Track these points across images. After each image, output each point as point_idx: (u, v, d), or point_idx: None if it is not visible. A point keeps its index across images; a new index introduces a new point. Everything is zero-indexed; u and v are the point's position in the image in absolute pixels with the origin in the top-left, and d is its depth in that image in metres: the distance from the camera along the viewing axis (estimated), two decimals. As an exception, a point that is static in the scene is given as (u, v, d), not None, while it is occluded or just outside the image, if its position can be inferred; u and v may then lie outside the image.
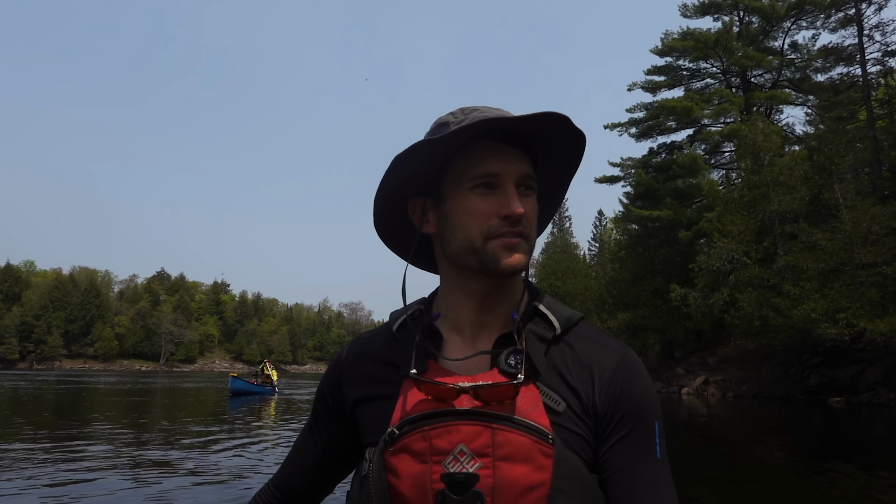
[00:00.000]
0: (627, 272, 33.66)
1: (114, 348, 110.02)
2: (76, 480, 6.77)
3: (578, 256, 54.89)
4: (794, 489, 7.00)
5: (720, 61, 33.90)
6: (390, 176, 0.90)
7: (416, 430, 0.81)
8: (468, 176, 0.87)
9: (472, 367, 0.88)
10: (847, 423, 15.02)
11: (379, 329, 1.01)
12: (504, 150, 0.86)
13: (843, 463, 8.65)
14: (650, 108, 35.89)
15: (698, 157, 28.93)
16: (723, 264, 22.40)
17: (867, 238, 18.09)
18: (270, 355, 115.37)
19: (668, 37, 35.79)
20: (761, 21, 34.19)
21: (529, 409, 0.81)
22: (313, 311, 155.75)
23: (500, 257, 0.85)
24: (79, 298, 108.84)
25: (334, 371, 0.99)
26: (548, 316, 0.90)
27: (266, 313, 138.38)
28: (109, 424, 13.35)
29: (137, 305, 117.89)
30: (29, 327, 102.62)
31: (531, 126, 0.86)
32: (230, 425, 13.80)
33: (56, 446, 9.44)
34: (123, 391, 29.05)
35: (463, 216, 0.87)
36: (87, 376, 55.41)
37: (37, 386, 31.92)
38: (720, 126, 33.77)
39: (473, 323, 0.91)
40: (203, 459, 8.47)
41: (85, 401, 22.28)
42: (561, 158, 0.94)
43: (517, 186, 0.87)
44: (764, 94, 32.52)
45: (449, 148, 0.87)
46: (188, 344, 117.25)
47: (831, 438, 11.88)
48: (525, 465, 0.78)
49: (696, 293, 23.52)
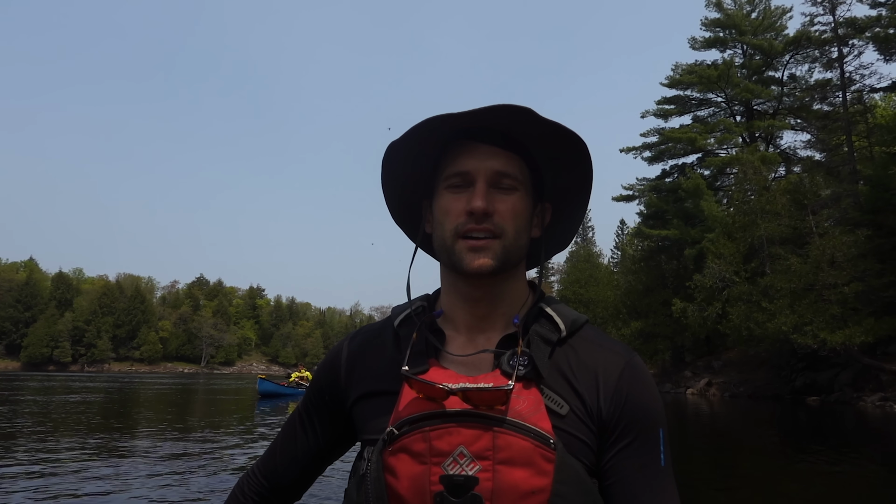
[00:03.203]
0: (640, 284, 37.27)
1: (158, 351, 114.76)
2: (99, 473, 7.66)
3: (601, 265, 57.97)
4: (770, 470, 8.55)
5: (724, 93, 37.37)
6: (385, 179, 0.95)
7: (416, 431, 0.79)
8: (444, 175, 0.88)
9: (474, 367, 0.87)
10: (817, 418, 17.98)
11: (380, 324, 1.00)
12: (477, 148, 0.86)
13: (810, 449, 10.75)
14: (662, 133, 39.47)
15: (701, 183, 32.48)
16: (715, 282, 26.09)
17: (832, 262, 21.55)
18: (305, 358, 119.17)
19: (678, 69, 39.36)
20: (762, 55, 37.52)
21: (531, 413, 0.79)
22: (345, 314, 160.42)
23: (465, 259, 0.85)
24: (125, 304, 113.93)
25: (333, 366, 0.97)
26: (553, 318, 0.89)
27: (300, 317, 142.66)
28: (149, 422, 14.75)
29: (179, 310, 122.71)
30: (80, 332, 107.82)
31: (501, 119, 0.84)
32: (251, 423, 15.09)
33: (104, 441, 10.68)
34: (166, 392, 30.63)
35: (440, 215, 0.88)
36: (136, 378, 58.09)
37: (88, 387, 34.00)
38: (724, 152, 37.26)
39: (471, 324, 0.91)
40: (211, 454, 9.38)
41: (133, 401, 23.43)
42: (566, 158, 0.91)
43: (492, 184, 0.86)
44: (764, 123, 35.87)
45: (428, 148, 0.89)
46: (227, 347, 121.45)
47: (801, 430, 14.61)
48: (526, 470, 0.76)
49: (694, 306, 27.21)
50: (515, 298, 0.92)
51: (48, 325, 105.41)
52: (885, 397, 20.12)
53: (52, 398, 23.30)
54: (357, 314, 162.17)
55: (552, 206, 0.98)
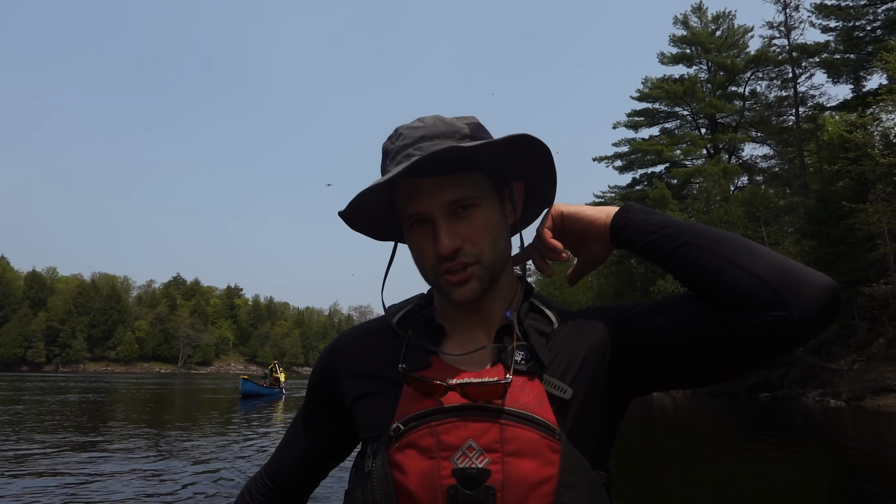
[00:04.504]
0: (611, 287, 39.24)
1: (134, 352, 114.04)
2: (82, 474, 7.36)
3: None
4: (724, 458, 9.62)
5: (689, 107, 39.60)
6: (353, 227, 0.94)
7: (423, 426, 0.80)
8: (403, 216, 0.88)
9: (475, 363, 0.88)
10: (766, 412, 19.38)
11: (375, 322, 1.00)
12: (423, 185, 0.84)
13: (758, 440, 11.81)
14: (632, 143, 41.59)
15: (666, 193, 34.57)
16: (677, 288, 28.03)
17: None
18: (283, 358, 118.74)
19: (648, 82, 41.51)
20: (725, 72, 39.81)
21: (536, 405, 0.80)
22: (324, 314, 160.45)
23: (452, 292, 0.86)
24: (101, 304, 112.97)
25: (329, 364, 0.98)
26: (545, 311, 0.91)
27: (278, 317, 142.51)
28: (126, 425, 14.09)
29: (156, 310, 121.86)
30: (54, 332, 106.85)
31: (428, 165, 0.82)
32: (236, 426, 14.51)
33: (72, 444, 10.10)
34: (142, 393, 29.89)
35: (414, 253, 0.89)
36: (112, 379, 56.40)
37: (61, 387, 33.18)
38: (689, 163, 39.51)
39: (467, 321, 0.92)
40: (203, 456, 9.07)
41: (109, 402, 22.70)
42: (515, 149, 0.87)
43: (450, 214, 0.85)
44: (727, 136, 38.15)
45: (376, 195, 0.85)
46: (205, 347, 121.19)
47: (752, 423, 15.98)
48: (533, 461, 0.77)
49: (658, 310, 29.18)
50: (507, 293, 0.93)
51: (21, 324, 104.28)
52: (823, 393, 22.21)
53: (22, 398, 23.22)
54: (336, 314, 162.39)
55: (524, 181, 0.95)
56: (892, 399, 19.46)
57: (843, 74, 28.98)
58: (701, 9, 41.31)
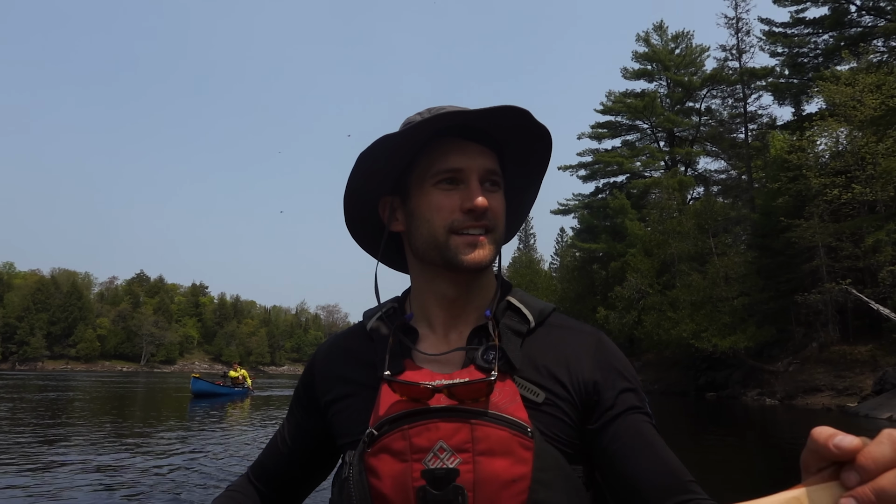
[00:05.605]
0: (573, 292, 41.08)
1: (96, 349, 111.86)
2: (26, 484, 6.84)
3: (542, 271, 61.91)
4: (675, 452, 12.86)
5: (649, 121, 41.72)
6: (356, 174, 0.91)
7: (396, 430, 0.80)
8: (432, 171, 0.87)
9: (448, 364, 0.88)
10: (712, 410, 21.35)
11: (353, 328, 1.00)
12: (467, 146, 0.87)
13: (703, 434, 13.30)
14: (595, 153, 43.53)
15: (626, 203, 36.55)
16: (633, 293, 30.02)
17: (726, 278, 25.62)
18: (249, 357, 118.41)
19: (611, 96, 43.50)
20: (683, 88, 42.02)
21: (507, 404, 0.80)
22: (291, 313, 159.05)
23: (462, 253, 0.85)
24: (61, 300, 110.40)
25: (310, 370, 1.00)
26: (521, 310, 0.90)
27: (245, 315, 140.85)
28: (71, 426, 13.28)
29: (118, 307, 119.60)
30: (11, 329, 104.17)
31: (494, 119, 0.86)
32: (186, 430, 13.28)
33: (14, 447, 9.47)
34: (97, 395, 27.13)
35: (427, 212, 0.88)
36: (70, 377, 52.98)
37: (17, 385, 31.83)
38: (648, 174, 41.66)
39: (445, 322, 0.92)
40: (150, 461, 8.57)
41: (64, 401, 21.13)
42: (529, 155, 0.93)
43: (481, 182, 0.87)
44: (683, 149, 40.33)
45: (414, 144, 0.87)
46: (168, 345, 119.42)
47: (699, 420, 17.76)
48: (505, 459, 0.77)
49: (615, 314, 31.17)
50: (487, 291, 0.94)
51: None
52: (761, 392, 24.23)
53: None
54: (303, 312, 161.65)
55: None
56: (818, 398, 21.50)
57: (786, 97, 31.25)
58: (662, 27, 43.49)
